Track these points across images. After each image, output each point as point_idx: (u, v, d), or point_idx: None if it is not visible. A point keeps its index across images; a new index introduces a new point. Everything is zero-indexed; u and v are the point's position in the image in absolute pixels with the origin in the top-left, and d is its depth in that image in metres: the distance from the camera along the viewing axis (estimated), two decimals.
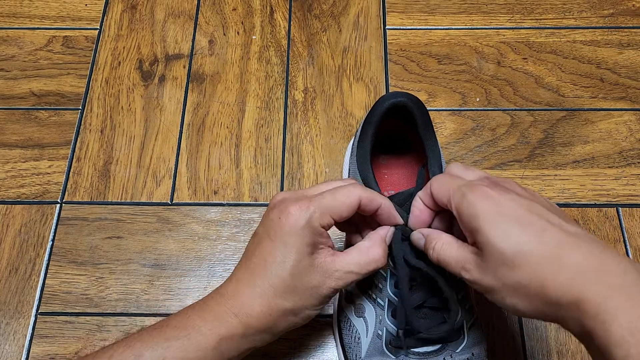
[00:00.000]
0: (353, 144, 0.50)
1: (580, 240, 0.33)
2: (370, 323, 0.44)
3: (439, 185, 0.39)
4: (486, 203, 0.35)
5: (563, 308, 0.32)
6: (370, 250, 0.40)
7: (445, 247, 0.38)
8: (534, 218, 0.34)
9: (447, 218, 0.41)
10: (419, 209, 0.41)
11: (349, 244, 0.45)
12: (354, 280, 0.40)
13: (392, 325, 0.43)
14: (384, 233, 0.41)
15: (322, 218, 0.39)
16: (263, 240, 0.40)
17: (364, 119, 0.47)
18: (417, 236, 0.41)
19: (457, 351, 0.42)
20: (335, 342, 0.49)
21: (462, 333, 0.43)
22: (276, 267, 0.39)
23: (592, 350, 0.31)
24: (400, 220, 0.41)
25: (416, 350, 0.42)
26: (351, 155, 0.50)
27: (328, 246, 0.40)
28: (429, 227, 0.41)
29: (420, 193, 0.41)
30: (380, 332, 0.43)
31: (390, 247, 0.42)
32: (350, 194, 0.39)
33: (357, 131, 0.50)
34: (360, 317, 0.44)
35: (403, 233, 0.41)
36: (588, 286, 0.31)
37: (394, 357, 0.43)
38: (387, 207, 0.41)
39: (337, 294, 0.50)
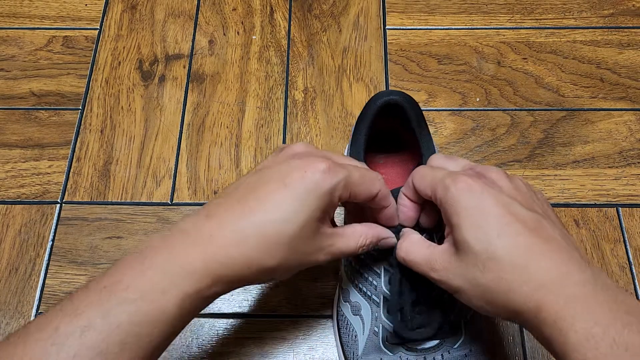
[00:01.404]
0: (349, 145, 0.50)
1: (551, 247, 0.33)
2: (367, 320, 0.44)
3: (421, 178, 0.38)
4: (468, 199, 0.34)
5: (524, 316, 0.33)
6: (362, 237, 0.39)
7: (412, 246, 0.38)
8: (511, 220, 0.33)
9: (435, 211, 0.40)
10: (405, 205, 0.41)
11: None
12: (338, 258, 0.39)
13: (387, 322, 0.43)
14: (384, 234, 0.41)
15: (344, 191, 0.36)
16: (272, 183, 0.35)
17: (357, 117, 0.48)
18: (401, 235, 0.41)
19: (454, 347, 0.42)
20: (335, 341, 0.49)
21: (459, 329, 0.43)
22: (279, 219, 0.34)
23: (553, 355, 0.32)
24: (396, 223, 0.41)
25: (413, 346, 0.42)
26: (347, 155, 0.50)
27: (330, 219, 0.39)
28: (417, 221, 0.41)
29: (403, 188, 0.41)
30: (376, 329, 0.43)
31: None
32: (374, 182, 0.38)
33: (352, 132, 0.50)
34: (356, 315, 0.44)
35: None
36: (549, 296, 0.31)
37: (391, 354, 0.43)
38: (393, 210, 0.41)
39: (336, 293, 0.50)
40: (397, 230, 0.41)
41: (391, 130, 0.50)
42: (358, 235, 0.39)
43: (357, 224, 0.40)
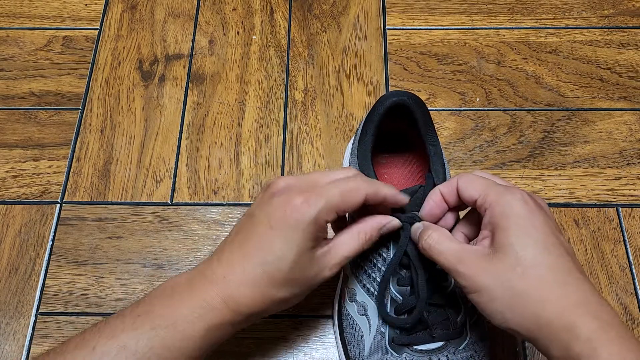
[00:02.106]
0: (353, 143, 0.50)
1: (584, 276, 0.35)
2: (374, 321, 0.44)
3: (470, 181, 0.39)
4: (522, 208, 0.36)
5: (552, 329, 0.33)
6: (364, 238, 0.40)
7: (444, 237, 0.38)
8: (556, 242, 0.36)
9: (453, 219, 0.41)
10: (435, 201, 0.41)
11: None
12: (344, 265, 0.41)
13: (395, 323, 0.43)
14: (380, 221, 0.41)
15: (329, 214, 0.38)
16: (261, 226, 0.38)
17: (364, 118, 0.48)
18: (416, 226, 0.41)
19: (459, 348, 0.43)
20: (336, 341, 0.49)
21: (464, 330, 0.43)
22: (274, 259, 0.37)
23: None
24: (406, 200, 0.41)
25: (419, 347, 0.42)
26: (351, 154, 0.50)
27: (324, 238, 0.40)
28: (437, 223, 0.41)
29: (441, 187, 0.41)
30: (383, 330, 0.43)
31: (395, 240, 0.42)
32: (357, 192, 0.39)
33: (357, 130, 0.50)
34: (362, 315, 0.45)
35: (410, 221, 0.41)
36: (585, 316, 0.33)
37: (397, 355, 0.43)
38: (392, 195, 0.41)
39: (337, 293, 0.50)
40: (410, 217, 0.41)
41: (397, 131, 0.50)
42: (356, 235, 0.40)
43: (352, 225, 0.41)
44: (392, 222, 0.41)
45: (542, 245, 0.35)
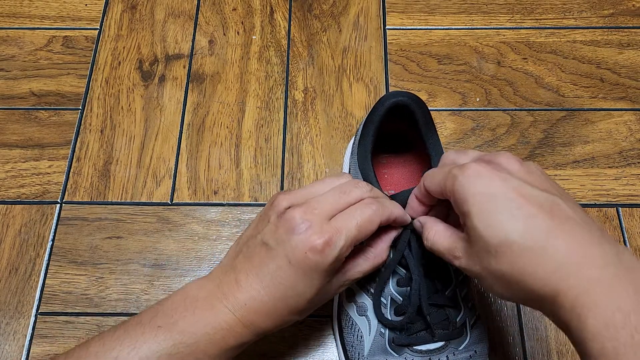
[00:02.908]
0: (353, 144, 0.50)
1: (569, 227, 0.32)
2: (373, 321, 0.44)
3: (432, 177, 0.38)
4: (476, 185, 0.34)
5: (541, 299, 0.32)
6: (376, 258, 0.41)
7: (437, 236, 0.38)
8: (523, 202, 0.32)
9: (444, 211, 0.41)
10: (412, 206, 0.41)
11: None
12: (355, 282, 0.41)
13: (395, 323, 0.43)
14: (389, 238, 0.42)
15: (348, 250, 0.38)
16: (279, 260, 0.38)
17: (365, 118, 0.47)
18: (417, 224, 0.41)
19: (459, 349, 0.43)
20: (335, 341, 0.49)
21: (464, 331, 0.43)
22: (294, 295, 0.38)
23: (570, 339, 0.32)
24: (409, 220, 0.42)
25: (419, 347, 0.42)
26: (351, 154, 0.50)
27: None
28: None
29: (415, 190, 0.41)
30: (382, 330, 0.43)
31: (396, 246, 0.42)
32: (372, 223, 0.39)
33: (357, 130, 0.50)
34: (362, 315, 0.44)
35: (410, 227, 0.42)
36: (566, 279, 0.30)
37: (397, 355, 0.43)
38: (401, 217, 0.41)
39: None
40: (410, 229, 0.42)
41: (398, 131, 0.50)
42: (371, 258, 0.41)
43: (365, 248, 0.41)
44: (404, 217, 0.42)
45: (507, 214, 0.32)
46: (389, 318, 0.43)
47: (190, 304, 0.38)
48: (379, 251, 0.41)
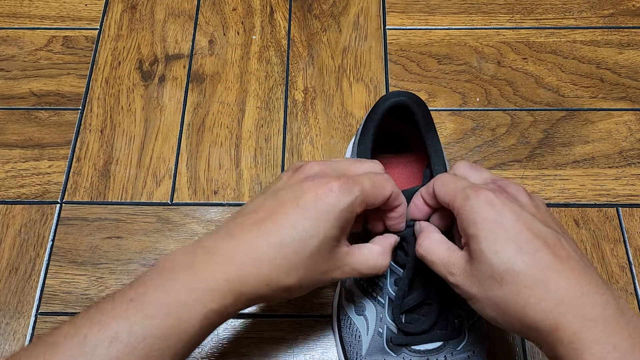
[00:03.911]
0: (354, 143, 0.50)
1: (570, 265, 0.33)
2: (371, 321, 0.44)
3: (443, 185, 0.38)
4: (488, 211, 0.34)
5: (539, 332, 0.33)
6: (379, 258, 0.40)
7: (433, 246, 0.38)
8: (531, 236, 0.34)
9: (448, 216, 0.41)
10: (417, 205, 0.41)
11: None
12: (353, 277, 0.40)
13: (392, 323, 0.43)
14: (394, 241, 0.41)
15: (361, 205, 0.37)
16: (287, 204, 0.36)
17: (365, 117, 0.48)
18: (416, 227, 0.41)
19: (457, 349, 0.42)
20: (335, 341, 0.49)
21: (463, 331, 0.43)
22: (295, 240, 0.35)
23: None
24: (404, 227, 0.41)
25: (417, 347, 0.42)
26: (352, 154, 0.50)
27: (347, 237, 0.39)
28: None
29: (422, 189, 0.41)
30: (380, 330, 0.43)
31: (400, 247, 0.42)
32: (386, 185, 0.38)
33: (358, 130, 0.50)
34: (360, 315, 0.44)
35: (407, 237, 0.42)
36: (567, 315, 0.31)
37: (394, 355, 0.43)
38: (403, 209, 0.41)
39: (336, 293, 0.50)
40: (408, 224, 0.42)
41: (398, 131, 0.50)
42: (376, 256, 0.40)
43: (373, 246, 0.40)
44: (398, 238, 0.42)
45: (515, 245, 0.33)
46: (389, 319, 0.43)
47: (168, 271, 0.35)
48: (385, 253, 0.40)
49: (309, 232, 0.35)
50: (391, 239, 0.41)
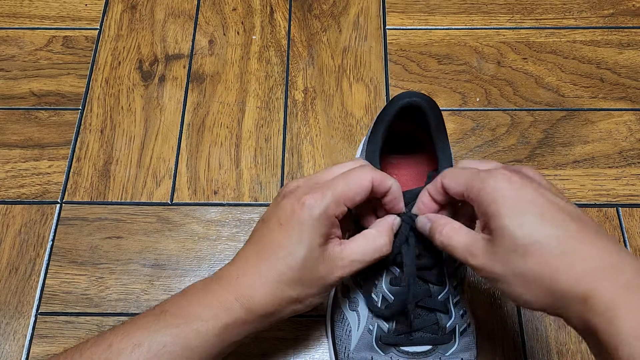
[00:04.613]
0: (364, 142, 0.50)
1: (599, 237, 0.33)
2: (363, 317, 0.44)
3: (454, 176, 0.38)
4: (507, 188, 0.34)
5: (570, 301, 0.32)
6: (376, 239, 0.40)
7: (453, 232, 0.38)
8: (554, 209, 0.34)
9: (454, 214, 0.41)
10: (424, 202, 0.41)
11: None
12: (359, 268, 0.40)
13: (383, 322, 0.43)
14: (391, 221, 0.41)
15: (337, 208, 0.38)
16: (272, 226, 0.39)
17: (376, 116, 0.47)
18: (422, 221, 0.40)
19: (446, 354, 0.42)
20: (327, 335, 0.49)
21: (453, 337, 0.43)
22: (286, 256, 0.38)
23: (593, 346, 0.31)
24: (403, 208, 0.41)
25: (406, 349, 0.42)
26: (361, 152, 0.50)
27: (337, 236, 0.40)
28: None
29: (429, 186, 0.41)
30: (371, 327, 0.43)
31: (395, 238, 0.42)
32: (362, 177, 0.39)
33: (369, 129, 0.50)
34: (353, 310, 0.44)
35: (409, 221, 0.41)
36: (600, 282, 0.31)
37: (382, 354, 0.42)
38: (396, 190, 0.40)
39: (333, 288, 0.50)
40: (409, 216, 0.41)
41: (408, 132, 0.50)
42: (371, 238, 0.40)
43: (367, 231, 0.40)
44: (397, 219, 0.41)
45: (538, 217, 0.33)
46: (379, 306, 0.42)
47: (184, 294, 0.40)
48: (380, 233, 0.40)
49: (293, 245, 0.38)
50: (388, 219, 0.41)
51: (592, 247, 0.32)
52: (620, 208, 0.56)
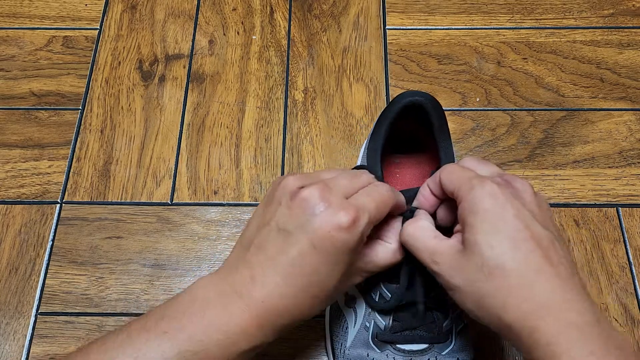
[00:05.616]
0: (367, 140, 0.50)
1: (558, 271, 0.33)
2: (360, 314, 0.44)
3: (449, 174, 0.38)
4: (490, 203, 0.35)
5: (517, 332, 0.33)
6: (395, 253, 0.40)
7: (418, 233, 0.38)
8: (527, 236, 0.34)
9: (453, 211, 0.40)
10: (424, 195, 0.41)
11: None
12: (373, 274, 0.40)
13: (380, 319, 0.43)
14: (399, 226, 0.41)
15: (369, 229, 0.37)
16: (301, 245, 0.35)
17: (379, 115, 0.47)
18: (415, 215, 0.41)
19: (442, 353, 0.42)
20: (324, 332, 0.49)
21: (450, 337, 0.43)
22: (318, 281, 0.36)
23: None
24: (404, 209, 0.41)
25: (402, 347, 0.42)
26: (364, 152, 0.50)
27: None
28: (433, 215, 0.41)
29: (429, 180, 0.41)
30: (367, 324, 0.43)
31: None
32: (387, 204, 0.38)
33: (373, 127, 0.50)
34: (350, 307, 0.44)
35: (410, 217, 0.41)
36: (547, 318, 0.32)
37: (378, 351, 0.42)
38: (402, 202, 0.41)
39: None
40: (410, 211, 0.41)
41: (411, 131, 0.50)
42: (395, 252, 0.40)
43: (388, 245, 0.40)
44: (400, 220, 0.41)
45: (510, 241, 0.33)
46: (377, 315, 0.43)
47: (199, 307, 0.36)
48: (399, 247, 0.40)
49: (330, 272, 0.36)
50: (395, 225, 0.41)
51: (548, 283, 0.33)
52: (620, 208, 0.56)
